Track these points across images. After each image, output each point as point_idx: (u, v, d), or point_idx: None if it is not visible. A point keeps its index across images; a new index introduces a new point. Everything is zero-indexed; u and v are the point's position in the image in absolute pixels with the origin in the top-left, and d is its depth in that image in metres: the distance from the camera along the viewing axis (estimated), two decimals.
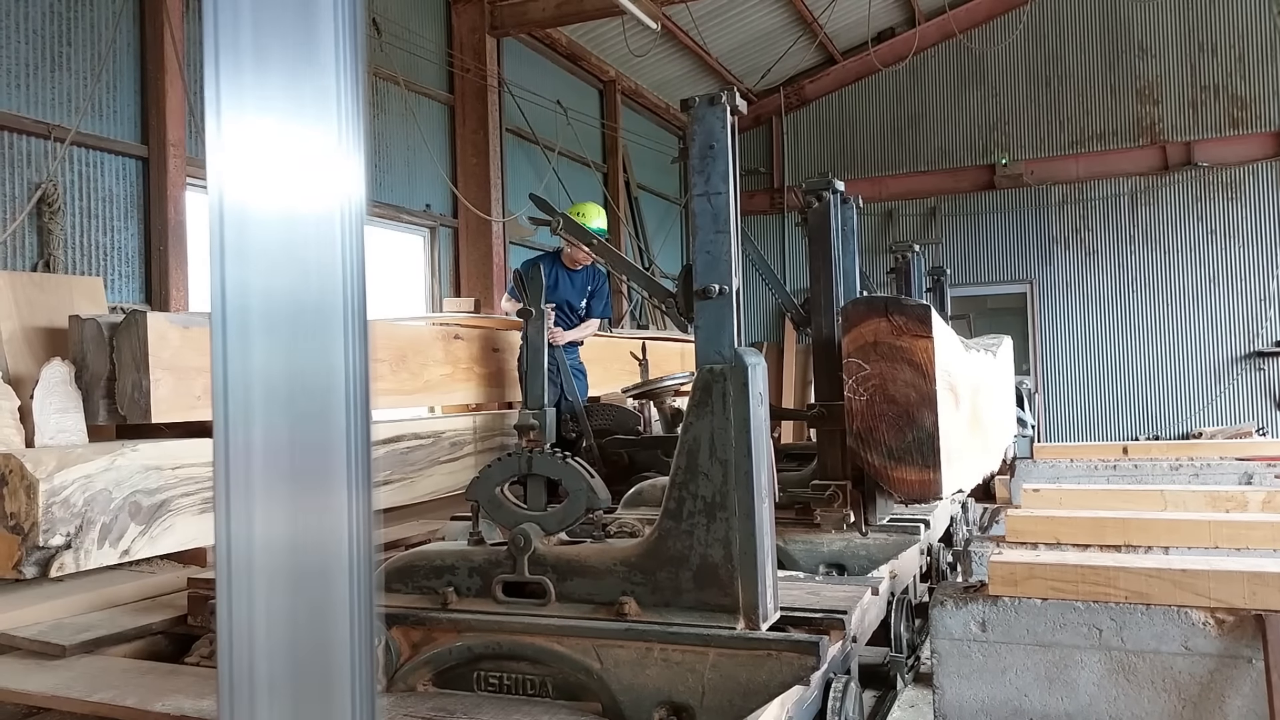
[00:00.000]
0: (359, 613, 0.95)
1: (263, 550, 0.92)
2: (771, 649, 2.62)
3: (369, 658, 0.97)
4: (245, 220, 0.94)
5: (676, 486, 2.78)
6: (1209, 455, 6.53)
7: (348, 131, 0.97)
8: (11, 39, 5.92)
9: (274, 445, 0.93)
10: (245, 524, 0.92)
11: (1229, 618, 2.95)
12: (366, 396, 0.97)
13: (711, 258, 2.82)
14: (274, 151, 0.95)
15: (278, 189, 0.95)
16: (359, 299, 0.97)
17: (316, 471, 0.95)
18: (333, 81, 0.96)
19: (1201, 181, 13.42)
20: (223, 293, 0.93)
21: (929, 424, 3.70)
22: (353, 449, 0.95)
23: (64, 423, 4.37)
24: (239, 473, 0.92)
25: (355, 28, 0.97)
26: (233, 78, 0.93)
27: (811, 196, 4.46)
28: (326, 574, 0.94)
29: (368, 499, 0.96)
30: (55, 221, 5.96)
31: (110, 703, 3.03)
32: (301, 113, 0.95)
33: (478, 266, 10.04)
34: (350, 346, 0.96)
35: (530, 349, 3.58)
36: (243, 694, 0.92)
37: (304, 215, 0.95)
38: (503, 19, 10.15)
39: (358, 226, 0.97)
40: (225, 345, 0.93)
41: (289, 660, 0.93)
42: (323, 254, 0.95)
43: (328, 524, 0.94)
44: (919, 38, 14.38)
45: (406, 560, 3.19)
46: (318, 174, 0.96)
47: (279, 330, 0.94)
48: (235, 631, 0.92)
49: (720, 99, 2.85)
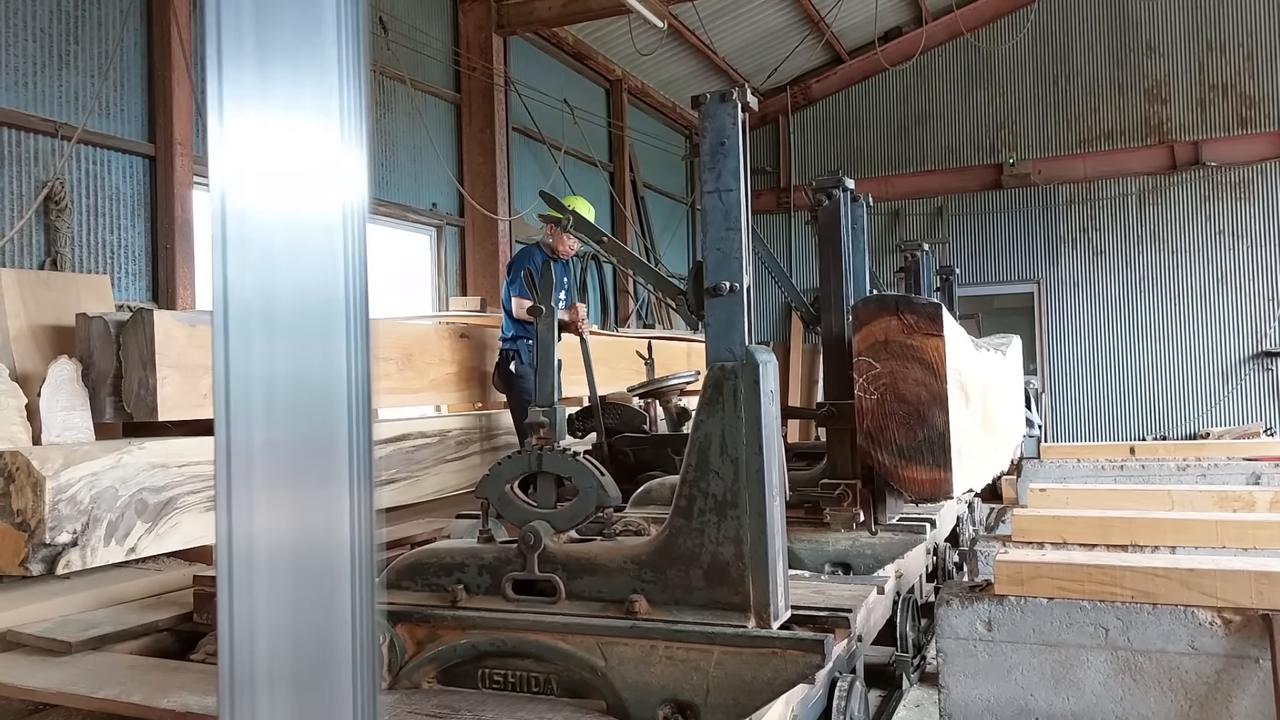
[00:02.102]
0: (361, 611, 0.95)
1: (263, 548, 0.92)
2: (776, 647, 2.61)
3: (371, 656, 0.96)
4: (247, 218, 0.93)
5: (687, 484, 2.77)
6: (1217, 455, 6.50)
7: (350, 129, 0.96)
8: (19, 37, 5.93)
9: (275, 443, 0.93)
10: (246, 522, 0.92)
11: (1236, 617, 2.94)
12: (368, 395, 0.96)
13: (722, 255, 2.81)
14: (276, 149, 0.94)
15: (280, 187, 0.94)
16: (361, 297, 0.96)
17: (318, 470, 0.94)
18: (335, 78, 0.95)
19: (1209, 181, 13.38)
20: (224, 291, 0.93)
21: (940, 423, 3.69)
22: (354, 447, 0.95)
23: (71, 420, 4.38)
24: (240, 470, 0.92)
25: (358, 24, 0.97)
26: (235, 75, 0.93)
27: (822, 194, 4.45)
28: (328, 572, 0.94)
29: (369, 497, 0.96)
30: (62, 220, 5.97)
31: (115, 699, 3.03)
32: (304, 110, 0.95)
33: (484, 265, 10.05)
34: (352, 345, 0.95)
35: (540, 346, 3.57)
36: (243, 692, 0.91)
37: (306, 213, 0.95)
38: (509, 18, 10.16)
39: (360, 225, 0.97)
40: (227, 344, 0.92)
41: (290, 658, 0.92)
42: (325, 252, 0.95)
43: (329, 522, 0.94)
44: (926, 37, 14.35)
45: (416, 558, 3.19)
46: (320, 172, 0.95)
47: (280, 329, 0.93)
48: (236, 630, 0.92)
49: (731, 95, 2.84)
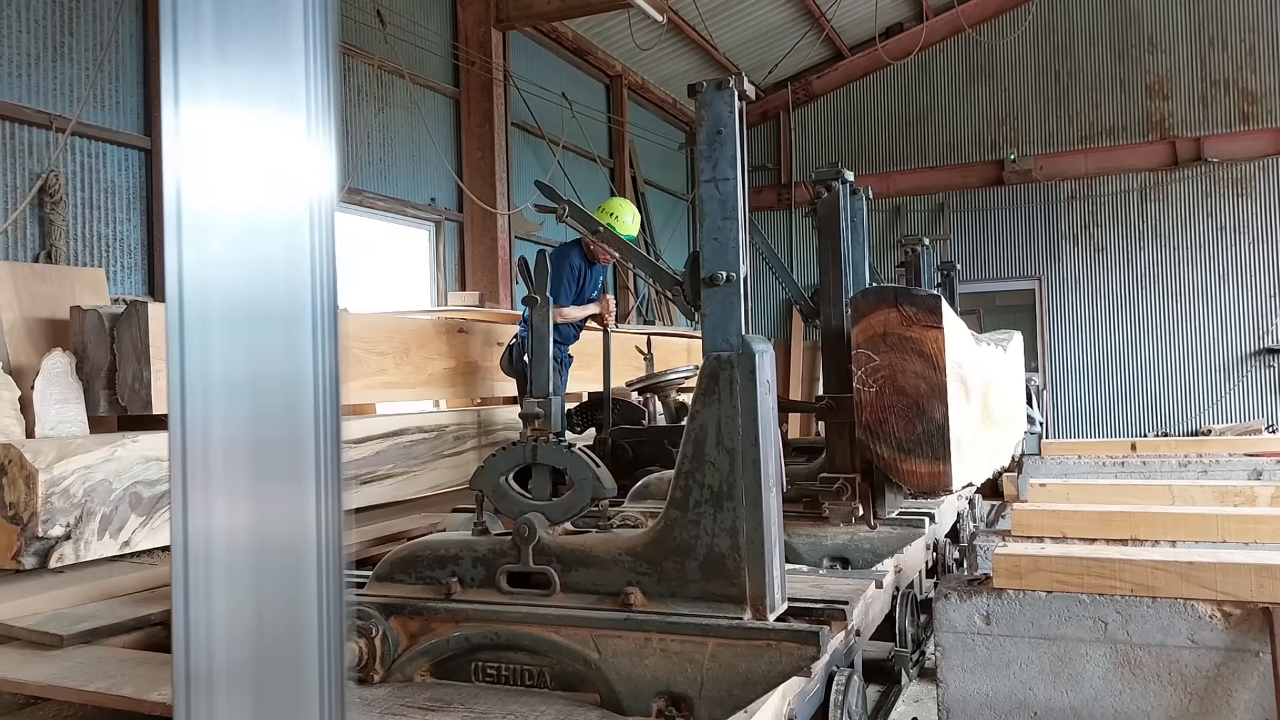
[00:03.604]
0: (328, 610, 0.93)
1: (221, 547, 0.90)
2: (771, 639, 2.59)
3: (340, 656, 0.94)
4: (205, 211, 0.91)
5: (683, 475, 2.74)
6: (1218, 451, 6.46)
7: (318, 122, 0.93)
8: (13, 29, 5.90)
9: (234, 440, 0.91)
10: (203, 520, 0.90)
11: (1236, 611, 2.91)
12: (337, 391, 0.94)
13: (719, 244, 2.78)
14: (237, 143, 0.91)
15: (242, 182, 0.91)
16: (329, 292, 0.94)
17: (282, 468, 0.92)
18: (301, 69, 0.92)
19: (1211, 177, 13.34)
20: (180, 287, 0.90)
21: (939, 416, 3.66)
22: (322, 445, 0.93)
23: (65, 413, 4.35)
24: (196, 467, 0.90)
25: (327, 11, 0.94)
26: (192, 61, 0.90)
27: (821, 187, 4.42)
28: (293, 572, 0.92)
29: (337, 496, 0.94)
30: (57, 212, 5.95)
31: (106, 692, 3.00)
32: (267, 100, 0.92)
33: (483, 261, 10.03)
34: (319, 342, 0.93)
35: (536, 336, 3.54)
36: (199, 691, 0.89)
37: (270, 209, 0.92)
38: (508, 11, 10.12)
39: (329, 219, 0.94)
40: (182, 338, 0.90)
41: (251, 658, 0.90)
42: (290, 247, 0.92)
43: (294, 521, 0.92)
44: (927, 32, 14.33)
45: (410, 550, 3.16)
46: (285, 167, 0.92)
47: (240, 326, 0.91)
48: (192, 631, 0.90)
49: (728, 84, 2.82)
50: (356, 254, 8.91)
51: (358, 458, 5.45)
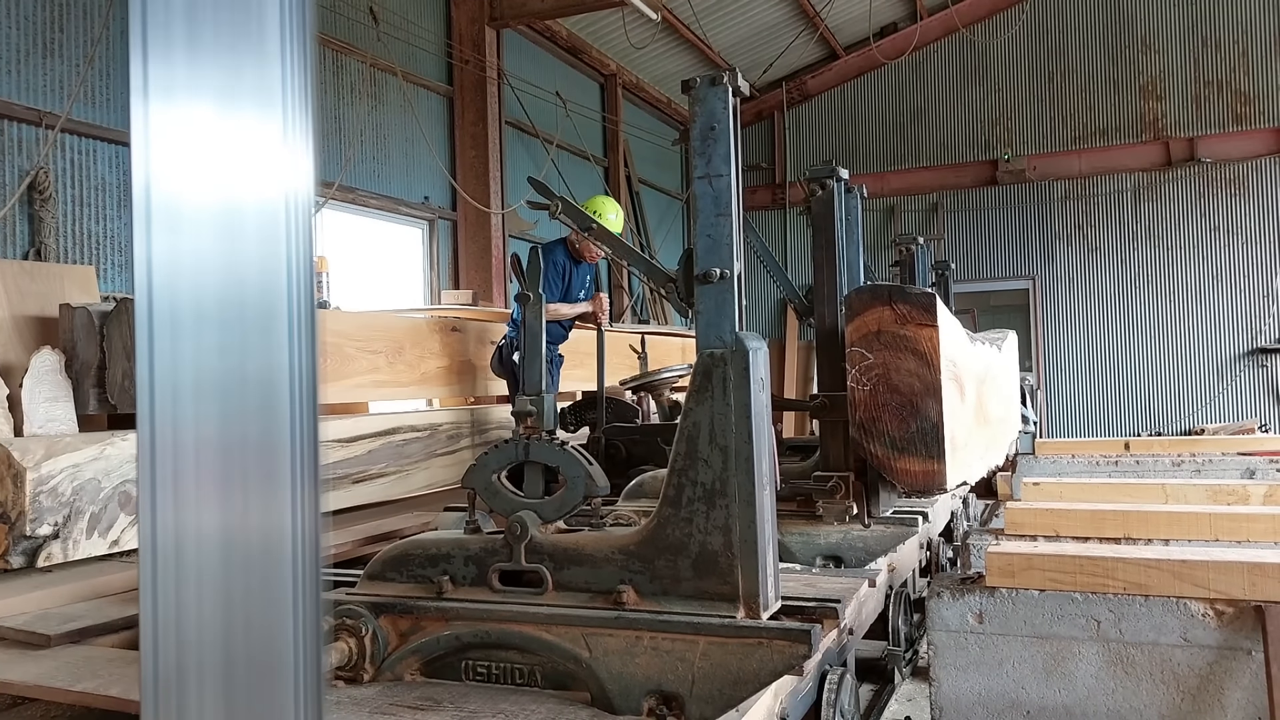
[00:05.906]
0: (304, 613, 0.91)
1: (193, 549, 0.88)
2: (762, 637, 2.58)
3: (316, 659, 0.92)
4: (178, 213, 0.89)
5: (676, 473, 2.73)
6: (1211, 451, 6.46)
7: (295, 120, 0.91)
8: (2, 24, 5.87)
9: (205, 439, 0.89)
10: (172, 520, 0.88)
11: (1228, 609, 2.90)
12: (314, 390, 0.92)
13: (713, 241, 2.77)
14: (209, 142, 0.89)
15: (215, 181, 0.89)
16: (306, 290, 0.92)
17: (256, 468, 0.90)
18: (277, 65, 0.90)
19: (1204, 177, 13.37)
20: (149, 283, 0.88)
21: (933, 414, 3.65)
22: (298, 444, 0.91)
23: (53, 412, 4.33)
24: (165, 466, 0.88)
25: (304, 6, 0.92)
26: (163, 55, 0.88)
27: (815, 184, 4.41)
28: (266, 574, 0.90)
29: (314, 496, 0.92)
30: (47, 209, 5.91)
31: (94, 692, 2.98)
32: (240, 93, 0.90)
33: (476, 259, 10.01)
34: (296, 342, 0.91)
35: (528, 334, 3.53)
36: (168, 693, 0.88)
37: (245, 209, 0.90)
38: (502, 10, 10.10)
39: (306, 217, 0.92)
40: (151, 336, 0.88)
41: (221, 660, 0.88)
42: (266, 244, 0.90)
43: (268, 522, 0.90)
44: (921, 32, 14.34)
45: (401, 549, 3.15)
46: (260, 165, 0.90)
47: (211, 325, 0.89)
48: (161, 634, 0.88)
49: (722, 79, 2.80)
50: (349, 252, 8.89)
51: (350, 457, 5.43)
